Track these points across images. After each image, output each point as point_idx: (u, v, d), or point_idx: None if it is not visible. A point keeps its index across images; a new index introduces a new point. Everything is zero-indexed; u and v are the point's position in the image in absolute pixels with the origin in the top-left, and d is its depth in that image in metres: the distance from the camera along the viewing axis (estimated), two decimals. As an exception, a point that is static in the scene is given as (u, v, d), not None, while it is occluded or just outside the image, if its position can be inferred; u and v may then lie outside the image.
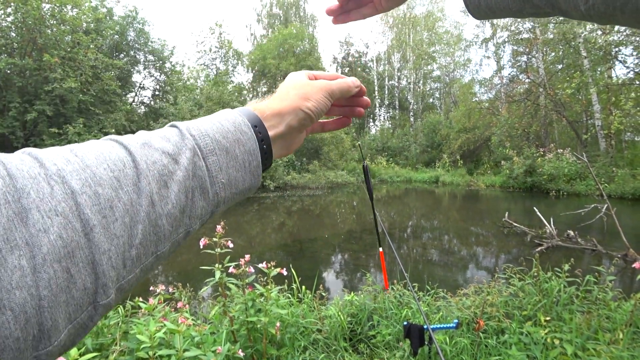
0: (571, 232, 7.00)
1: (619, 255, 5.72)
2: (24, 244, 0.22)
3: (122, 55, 18.23)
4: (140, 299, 2.45)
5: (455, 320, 2.36)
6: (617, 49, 14.53)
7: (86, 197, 0.26)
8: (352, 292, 3.10)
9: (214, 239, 2.10)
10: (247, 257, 2.11)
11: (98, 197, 0.27)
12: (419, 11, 30.35)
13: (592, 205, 6.98)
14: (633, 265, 2.49)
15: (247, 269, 2.08)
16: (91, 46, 14.26)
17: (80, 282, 0.25)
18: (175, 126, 0.38)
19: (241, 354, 1.93)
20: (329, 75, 0.52)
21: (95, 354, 1.73)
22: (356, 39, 50.62)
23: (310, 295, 3.08)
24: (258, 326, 2.14)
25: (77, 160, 0.28)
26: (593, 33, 15.24)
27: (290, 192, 17.54)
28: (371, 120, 34.59)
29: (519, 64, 21.67)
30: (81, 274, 0.25)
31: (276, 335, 2.14)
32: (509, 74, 22.32)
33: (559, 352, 2.43)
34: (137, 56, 18.89)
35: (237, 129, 0.39)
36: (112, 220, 0.27)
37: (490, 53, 24.43)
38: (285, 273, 2.14)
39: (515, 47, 20.95)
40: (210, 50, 23.14)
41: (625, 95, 13.68)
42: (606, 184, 11.92)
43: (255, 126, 0.41)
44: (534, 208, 7.90)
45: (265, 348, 2.11)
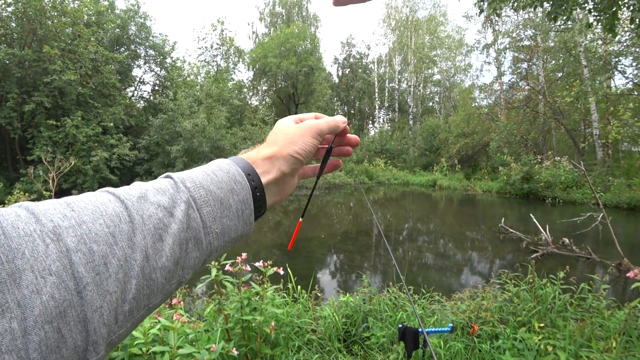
0: (566, 240, 7.03)
1: (613, 264, 5.74)
2: (15, 306, 0.22)
3: (123, 49, 18.17)
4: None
5: (450, 324, 2.36)
6: (617, 59, 14.64)
7: (81, 255, 0.26)
8: (347, 294, 3.09)
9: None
10: (243, 255, 2.10)
11: (93, 254, 0.27)
12: (422, 15, 30.46)
13: (588, 214, 7.01)
14: (627, 275, 2.50)
15: (243, 267, 2.07)
16: (92, 39, 14.19)
17: (70, 341, 0.25)
18: (170, 177, 0.38)
19: (235, 352, 1.91)
20: (315, 115, 0.55)
21: (87, 348, 1.71)
22: (358, 41, 50.61)
23: (305, 295, 3.07)
24: (253, 325, 2.13)
25: (73, 216, 0.28)
26: (594, 42, 15.34)
27: (287, 192, 17.50)
28: (370, 122, 34.65)
29: (519, 70, 21.76)
30: (72, 332, 0.25)
31: (271, 334, 2.13)
32: (509, 81, 22.43)
33: (552, 359, 2.44)
34: (138, 50, 18.82)
35: (230, 179, 0.40)
36: (105, 277, 0.27)
37: (491, 59, 24.52)
38: (281, 272, 2.13)
39: (516, 54, 21.04)
40: (212, 47, 23.09)
41: (624, 106, 13.76)
42: (602, 193, 11.99)
43: (249, 174, 0.43)
44: (530, 215, 7.93)
45: (259, 347, 2.10)
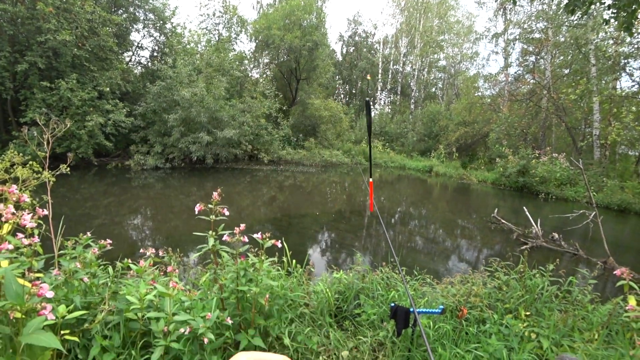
0: (556, 235, 7.17)
1: (599, 262, 5.89)
2: None
3: (121, 11, 17.49)
4: (130, 261, 2.43)
5: (441, 306, 2.41)
6: (625, 61, 14.48)
7: None
8: (340, 270, 3.13)
9: (210, 206, 2.07)
10: (242, 226, 2.09)
11: None
12: (433, -3, 29.58)
13: (581, 211, 7.12)
14: (614, 272, 2.55)
15: (241, 238, 2.06)
16: (88, -2, 13.61)
17: None
18: None
19: (229, 321, 1.94)
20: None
21: (83, 312, 1.72)
22: (365, 19, 49.34)
23: (300, 270, 3.10)
24: (248, 296, 2.15)
25: None
26: (605, 41, 15.10)
27: (284, 167, 17.48)
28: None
29: (526, 63, 21.46)
30: None
31: (265, 306, 2.15)
32: (515, 72, 22.14)
33: (534, 346, 2.53)
34: (137, 14, 18.14)
35: None
36: None
37: (499, 49, 24.11)
38: (279, 245, 2.13)
39: (525, 46, 20.68)
40: (214, 14, 22.25)
41: (627, 108, 13.71)
42: (595, 193, 12.13)
43: None
44: (524, 207, 8.03)
45: (253, 317, 2.13)
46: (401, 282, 3.08)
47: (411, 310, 2.28)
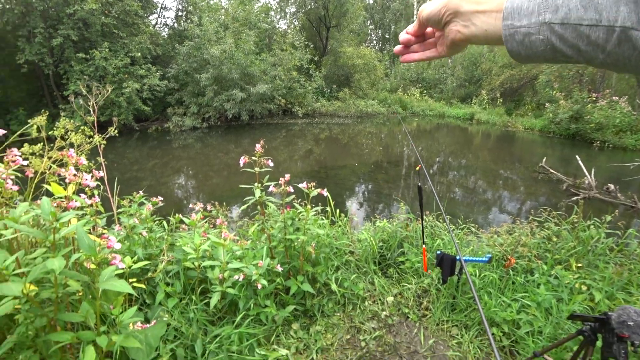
0: (611, 186, 6.66)
1: (660, 212, 5.46)
2: None
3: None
4: (181, 216, 2.57)
5: (488, 255, 2.36)
6: None
7: None
8: (384, 219, 3.13)
9: (254, 158, 2.08)
10: (287, 176, 2.11)
11: None
12: None
13: (643, 158, 6.50)
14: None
15: (287, 188, 2.09)
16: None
17: None
18: None
19: (279, 268, 2.03)
20: None
21: (146, 262, 1.86)
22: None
23: (345, 219, 3.14)
24: (295, 244, 2.22)
25: None
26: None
27: (319, 120, 17.30)
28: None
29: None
30: None
31: (312, 254, 2.23)
32: None
33: (585, 297, 2.44)
34: (158, -30, 17.62)
35: None
36: None
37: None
38: (325, 194, 2.14)
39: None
40: (237, -38, 21.17)
41: None
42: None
43: None
44: (576, 156, 7.46)
45: (302, 264, 2.22)
46: (446, 231, 3.05)
47: (457, 258, 2.26)
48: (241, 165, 2.02)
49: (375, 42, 33.80)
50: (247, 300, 1.96)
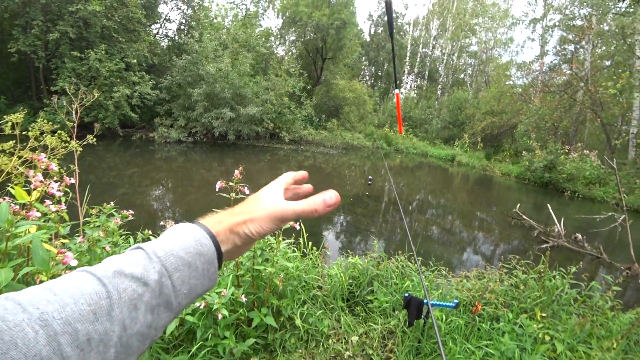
0: (579, 235, 6.91)
1: (623, 267, 5.66)
2: None
3: (150, -18, 17.40)
4: (150, 232, 2.49)
5: (456, 300, 2.38)
6: (674, 55, 13.45)
7: (67, 336, 0.29)
8: (356, 256, 3.12)
9: (231, 183, 2.07)
10: (261, 206, 2.09)
11: (77, 333, 0.30)
12: (470, -24, 28.07)
13: (610, 213, 6.81)
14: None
15: (260, 218, 2.06)
16: (117, -31, 13.60)
17: None
18: (141, 248, 0.41)
19: (244, 299, 1.97)
20: (305, 189, 0.64)
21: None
22: (396, -2, 47.33)
23: (316, 252, 3.11)
24: (263, 275, 2.18)
25: (56, 299, 0.31)
26: (653, 32, 14.03)
27: (305, 147, 17.45)
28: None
29: (564, 52, 20.28)
30: None
31: (279, 286, 2.18)
32: (551, 62, 21.02)
33: (548, 348, 2.47)
34: (166, -15, 18.04)
35: (197, 242, 0.43)
36: (88, 351, 0.30)
37: (536, 35, 22.95)
38: (297, 227, 2.13)
39: (565, 34, 19.48)
40: (242, -13, 21.89)
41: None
42: (625, 195, 11.58)
43: (213, 237, 0.46)
44: (547, 205, 7.75)
45: (267, 296, 2.16)
46: (416, 272, 3.06)
47: (425, 302, 2.26)
48: (217, 189, 2.00)
49: (367, 77, 35.06)
50: (206, 329, 1.88)
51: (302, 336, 2.33)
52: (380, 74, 34.18)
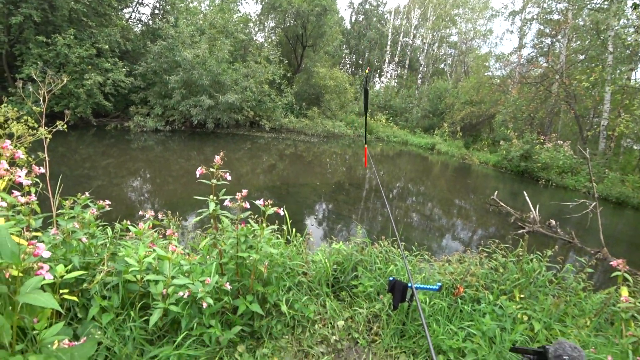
0: (553, 222, 7.20)
1: (593, 251, 5.94)
2: None
3: (121, -39, 16.51)
4: (129, 223, 2.40)
5: (439, 283, 2.42)
6: (644, 51, 14.03)
7: None
8: (340, 242, 3.13)
9: (212, 170, 2.01)
10: (244, 191, 2.05)
11: None
12: (451, -34, 28.14)
13: (582, 201, 7.12)
14: (611, 263, 2.56)
15: (243, 203, 2.02)
16: (84, -56, 12.79)
17: None
18: None
19: (228, 287, 1.93)
20: None
21: (82, 272, 1.70)
22: (377, -14, 47.03)
23: (300, 239, 3.10)
24: (247, 262, 2.14)
25: None
26: (626, 29, 14.53)
27: (285, 135, 17.30)
28: (377, 76, 33.42)
29: (541, 45, 20.78)
30: None
31: (264, 273, 2.15)
32: (529, 54, 21.52)
33: (526, 327, 2.57)
34: (139, -36, 17.20)
35: None
36: None
37: (514, 28, 23.39)
38: (282, 213, 2.10)
39: (542, 27, 19.95)
40: (220, -30, 21.16)
41: (639, 100, 13.41)
42: (595, 183, 12.14)
43: None
44: (523, 192, 8.02)
45: (252, 284, 2.13)
46: (400, 257, 3.09)
47: (409, 285, 2.29)
48: (197, 175, 1.94)
49: (348, 65, 34.89)
50: (191, 319, 1.84)
51: (289, 322, 2.32)
52: (361, 62, 34.07)
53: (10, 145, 1.59)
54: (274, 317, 2.30)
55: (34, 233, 1.85)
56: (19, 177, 1.44)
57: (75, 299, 1.75)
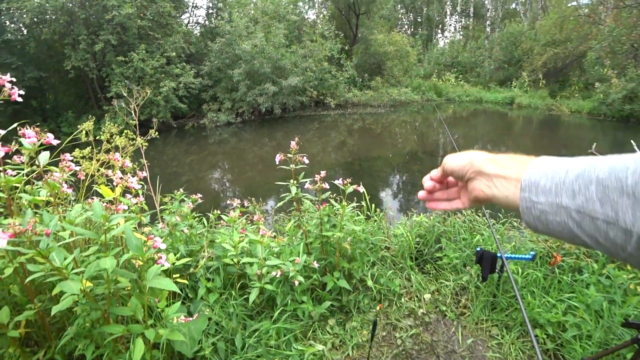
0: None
1: None
2: None
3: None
4: (219, 212, 2.65)
5: (532, 252, 2.25)
6: None
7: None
8: (421, 214, 3.06)
9: (289, 155, 2.10)
10: (322, 173, 2.11)
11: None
12: None
13: None
14: None
15: (322, 184, 2.10)
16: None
17: None
18: None
19: (316, 265, 2.05)
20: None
21: (188, 259, 1.95)
22: None
23: (381, 214, 3.11)
24: (331, 240, 2.23)
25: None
26: None
27: (352, 110, 17.14)
28: (440, 32, 30.85)
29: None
30: None
31: (348, 249, 2.23)
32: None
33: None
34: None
35: None
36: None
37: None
38: (361, 190, 2.13)
39: None
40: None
41: None
42: None
43: None
44: (631, 141, 6.85)
45: (338, 261, 2.22)
46: (486, 226, 2.93)
47: (498, 255, 2.17)
48: (277, 162, 2.05)
49: (407, 26, 32.69)
50: (285, 296, 2.00)
51: (375, 296, 2.38)
52: (419, 19, 31.67)
53: (119, 156, 1.87)
54: (361, 291, 2.38)
55: (146, 228, 2.16)
56: (132, 182, 1.67)
57: (185, 282, 2.03)
